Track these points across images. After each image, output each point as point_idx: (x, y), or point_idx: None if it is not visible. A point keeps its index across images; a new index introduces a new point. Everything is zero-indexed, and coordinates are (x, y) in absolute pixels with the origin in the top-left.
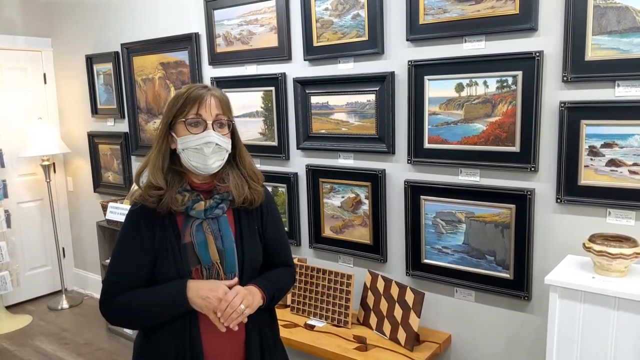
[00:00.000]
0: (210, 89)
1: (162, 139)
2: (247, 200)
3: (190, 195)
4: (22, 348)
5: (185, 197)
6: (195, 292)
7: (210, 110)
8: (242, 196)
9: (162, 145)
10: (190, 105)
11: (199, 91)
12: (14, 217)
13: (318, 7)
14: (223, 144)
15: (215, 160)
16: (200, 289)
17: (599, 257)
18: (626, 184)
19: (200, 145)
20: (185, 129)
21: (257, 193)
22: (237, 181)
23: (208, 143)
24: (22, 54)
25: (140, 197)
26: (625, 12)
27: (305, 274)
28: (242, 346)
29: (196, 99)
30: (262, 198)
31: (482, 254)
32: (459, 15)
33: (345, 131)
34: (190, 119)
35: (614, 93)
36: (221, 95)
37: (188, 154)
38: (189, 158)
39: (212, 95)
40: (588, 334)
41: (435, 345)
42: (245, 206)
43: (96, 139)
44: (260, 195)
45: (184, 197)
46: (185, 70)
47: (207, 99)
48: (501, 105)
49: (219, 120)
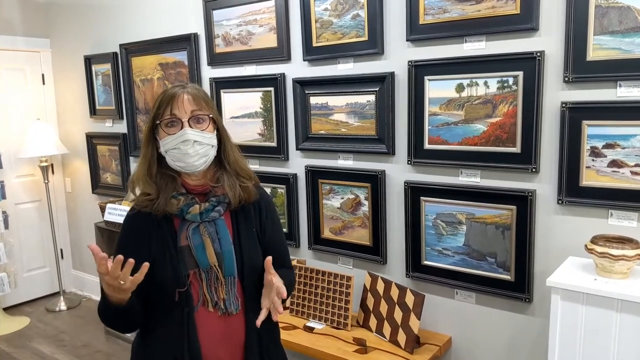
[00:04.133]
0: (186, 86)
1: (146, 145)
2: (242, 199)
3: (185, 199)
4: (19, 350)
5: (179, 202)
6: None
7: (183, 107)
8: (237, 196)
9: (148, 150)
10: (165, 106)
11: (172, 90)
12: (11, 219)
13: (317, 7)
14: (203, 139)
15: (198, 158)
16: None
17: (601, 259)
18: (628, 185)
19: (178, 145)
20: (163, 131)
21: (247, 190)
22: (231, 182)
23: (185, 141)
24: (20, 55)
25: (136, 202)
26: (627, 12)
27: (305, 276)
28: (241, 349)
29: (170, 99)
30: (256, 195)
31: (483, 255)
32: (460, 15)
33: (345, 132)
34: (166, 119)
35: (615, 93)
36: (196, 90)
37: (170, 155)
38: (172, 159)
39: (186, 92)
40: (590, 336)
41: (436, 347)
42: (242, 206)
43: (94, 140)
44: (251, 191)
45: (178, 202)
46: (184, 70)
47: (180, 97)
48: (502, 105)
49: (195, 116)
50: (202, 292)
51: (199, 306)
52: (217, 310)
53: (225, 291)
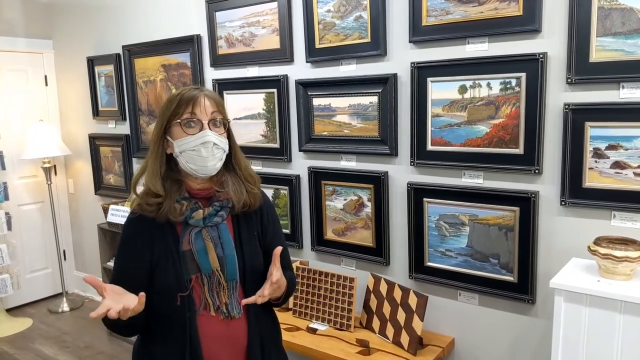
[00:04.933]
0: (203, 90)
1: (157, 144)
2: (247, 204)
3: (189, 204)
4: (22, 351)
5: (183, 206)
6: None
7: (205, 109)
8: (241, 201)
9: (158, 150)
10: (185, 106)
11: (192, 92)
12: (14, 220)
13: (320, 9)
14: (221, 143)
15: (216, 161)
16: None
17: (604, 260)
18: (631, 186)
19: (198, 146)
20: (181, 131)
21: (254, 196)
22: (236, 186)
23: (205, 143)
24: (23, 56)
25: (139, 206)
26: (630, 14)
27: (308, 277)
28: (243, 352)
29: (190, 100)
30: (260, 201)
31: (486, 256)
32: (462, 17)
33: (348, 133)
34: (185, 119)
35: (618, 95)
36: (214, 95)
37: (185, 156)
38: (187, 161)
39: (206, 95)
40: (593, 337)
41: (439, 349)
42: (245, 210)
43: (97, 141)
44: (257, 197)
45: (182, 207)
46: (186, 72)
47: (200, 99)
48: (505, 107)
49: (214, 119)
50: (204, 297)
51: (200, 310)
52: (219, 314)
53: (227, 295)
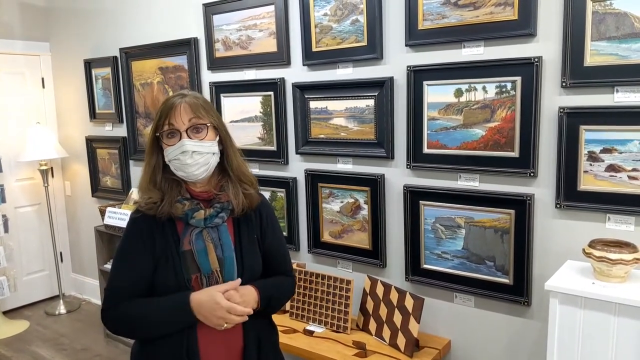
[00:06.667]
0: (185, 95)
1: (150, 153)
2: (245, 206)
3: (190, 204)
4: (19, 354)
5: (184, 206)
6: (198, 309)
7: (181, 118)
8: (240, 204)
9: (153, 158)
10: (164, 118)
11: (171, 101)
12: (11, 222)
13: (317, 13)
14: (202, 148)
15: (198, 167)
16: (201, 307)
17: (599, 263)
18: (625, 190)
19: (178, 156)
20: (165, 142)
21: (250, 197)
22: (235, 190)
23: (184, 152)
24: (20, 58)
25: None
26: (624, 18)
27: (304, 279)
28: (240, 354)
29: (168, 110)
30: (258, 201)
31: (482, 259)
32: (458, 21)
33: (344, 136)
34: (166, 131)
35: (613, 98)
36: (194, 99)
37: (173, 164)
38: (175, 169)
39: (184, 102)
40: (588, 340)
41: (435, 351)
42: (244, 212)
43: (94, 144)
44: (254, 198)
45: (183, 206)
46: (184, 75)
47: (177, 107)
48: (500, 110)
49: (193, 126)
50: None
51: None
52: None
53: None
